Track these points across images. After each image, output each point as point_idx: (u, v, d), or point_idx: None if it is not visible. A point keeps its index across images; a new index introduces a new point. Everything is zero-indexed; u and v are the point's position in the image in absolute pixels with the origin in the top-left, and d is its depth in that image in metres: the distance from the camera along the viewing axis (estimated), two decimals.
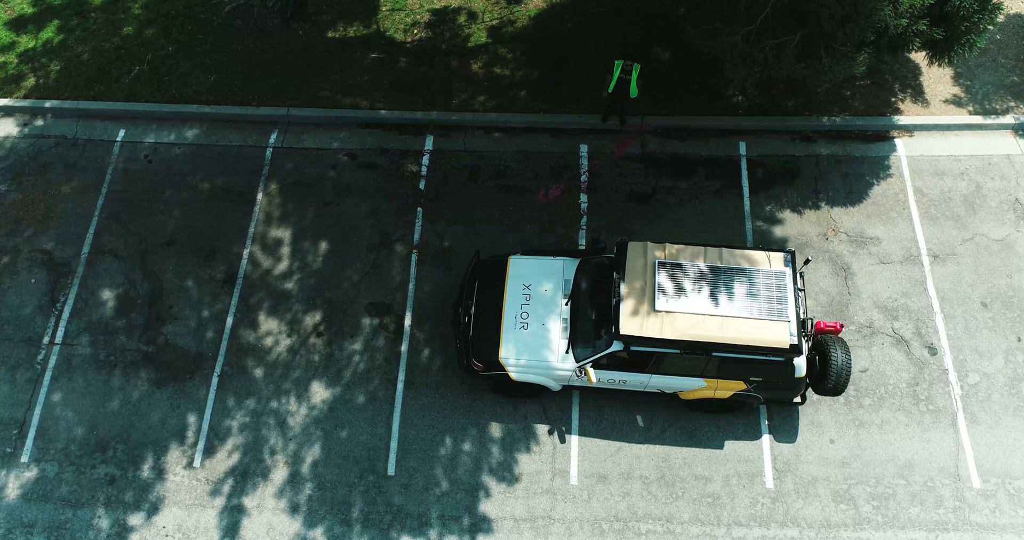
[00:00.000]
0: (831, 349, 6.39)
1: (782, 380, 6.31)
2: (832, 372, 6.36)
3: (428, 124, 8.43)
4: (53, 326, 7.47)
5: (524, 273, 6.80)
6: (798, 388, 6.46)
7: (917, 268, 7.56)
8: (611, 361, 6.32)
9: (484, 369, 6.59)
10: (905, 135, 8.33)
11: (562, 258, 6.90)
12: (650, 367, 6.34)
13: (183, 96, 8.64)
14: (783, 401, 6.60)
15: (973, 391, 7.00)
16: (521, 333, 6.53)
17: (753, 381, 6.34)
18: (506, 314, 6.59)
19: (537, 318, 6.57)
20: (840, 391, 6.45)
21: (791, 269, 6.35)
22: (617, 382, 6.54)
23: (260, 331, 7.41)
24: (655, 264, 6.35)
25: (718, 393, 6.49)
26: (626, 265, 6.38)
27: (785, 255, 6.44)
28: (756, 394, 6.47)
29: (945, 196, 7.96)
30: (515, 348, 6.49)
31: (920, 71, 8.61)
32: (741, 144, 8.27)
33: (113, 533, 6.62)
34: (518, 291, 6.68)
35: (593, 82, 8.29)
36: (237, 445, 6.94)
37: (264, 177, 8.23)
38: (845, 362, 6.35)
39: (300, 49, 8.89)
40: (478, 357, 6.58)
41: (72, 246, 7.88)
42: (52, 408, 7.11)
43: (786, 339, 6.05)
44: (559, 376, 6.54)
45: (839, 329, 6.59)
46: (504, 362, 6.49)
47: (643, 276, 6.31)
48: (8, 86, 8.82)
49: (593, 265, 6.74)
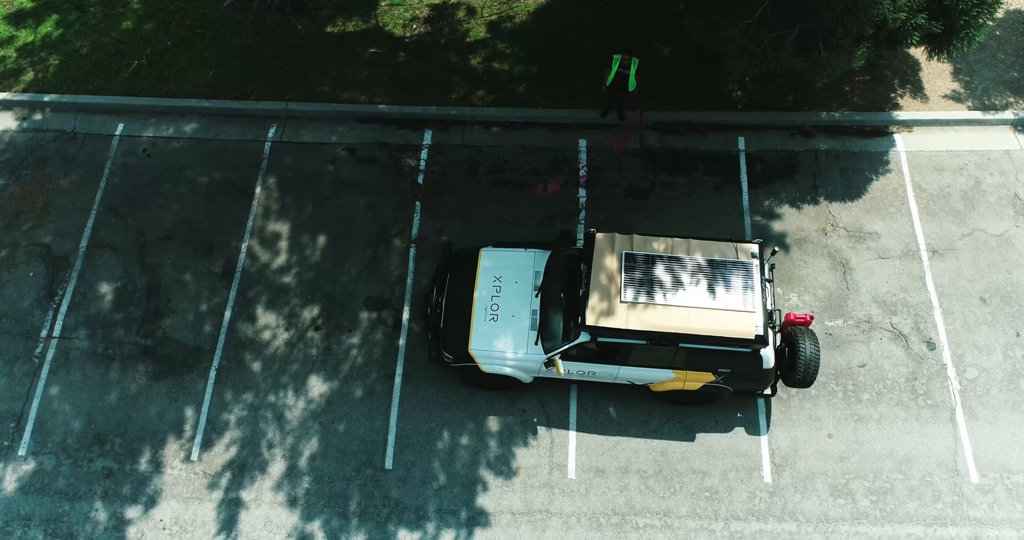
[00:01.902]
0: (799, 341, 6.37)
1: (750, 371, 6.27)
2: (800, 363, 6.31)
3: (427, 119, 8.43)
4: (51, 319, 7.47)
5: (495, 265, 6.79)
6: (767, 379, 6.42)
7: (916, 263, 7.55)
8: (580, 352, 6.31)
9: (454, 361, 6.59)
10: (904, 130, 8.32)
11: (533, 250, 6.91)
12: (619, 359, 6.33)
13: (182, 90, 8.64)
14: (754, 393, 6.58)
15: (972, 386, 6.99)
16: (491, 325, 6.52)
17: (722, 372, 6.32)
18: (476, 306, 6.58)
19: (507, 310, 6.55)
20: (809, 383, 6.43)
21: (758, 260, 6.33)
22: (587, 374, 6.51)
23: (258, 325, 7.41)
24: (622, 255, 6.33)
25: (687, 385, 6.46)
26: (594, 256, 6.36)
27: (753, 247, 6.40)
28: (725, 386, 6.46)
29: (944, 191, 7.95)
30: (485, 340, 6.48)
31: (919, 66, 8.60)
32: (740, 139, 8.27)
33: (110, 526, 6.62)
34: (489, 283, 6.67)
35: (592, 77, 8.28)
36: (235, 439, 6.93)
37: (263, 171, 8.22)
38: (814, 354, 6.30)
39: (299, 44, 8.89)
40: (448, 349, 6.57)
41: (70, 240, 7.88)
42: (50, 401, 7.11)
43: (752, 330, 6.04)
44: (529, 367, 6.52)
45: (809, 321, 6.57)
46: (474, 354, 6.48)
47: (610, 267, 6.31)
48: (7, 80, 8.81)
49: (564, 257, 6.75)
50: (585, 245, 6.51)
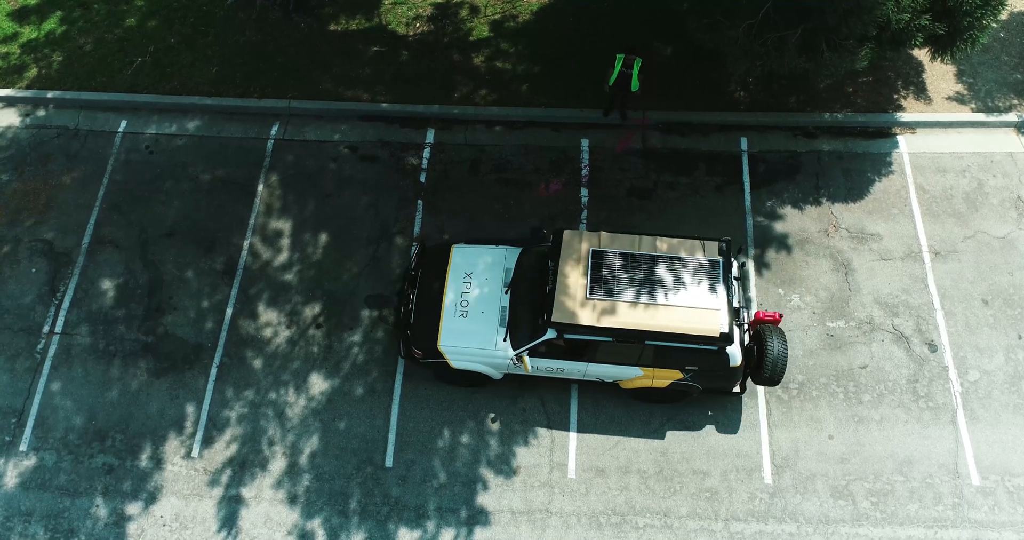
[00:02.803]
0: (767, 339, 6.35)
1: (718, 369, 6.28)
2: (768, 362, 6.31)
3: (429, 117, 8.43)
4: (53, 315, 7.48)
5: (466, 262, 6.79)
6: (735, 377, 6.42)
7: (918, 265, 7.54)
8: (549, 349, 6.31)
9: (424, 356, 6.59)
10: (907, 132, 8.31)
11: (504, 247, 6.90)
12: (586, 356, 6.33)
13: (185, 88, 8.64)
14: (723, 391, 6.58)
15: (973, 388, 6.98)
16: (460, 321, 6.53)
17: (689, 370, 6.33)
18: (447, 302, 6.60)
19: (477, 306, 6.57)
20: (777, 381, 6.42)
21: (725, 258, 6.32)
22: (555, 370, 6.52)
23: (259, 322, 7.41)
24: (589, 252, 6.33)
25: (656, 382, 6.47)
26: (561, 254, 6.37)
27: (720, 244, 6.42)
28: (694, 383, 6.45)
29: (947, 193, 7.94)
30: (454, 336, 6.49)
31: (923, 68, 8.59)
32: (743, 139, 8.26)
33: (111, 522, 6.63)
34: (459, 280, 6.68)
35: (595, 77, 8.27)
36: (235, 436, 6.94)
37: (265, 169, 8.23)
38: (781, 352, 6.31)
39: (302, 42, 8.89)
40: (418, 345, 6.58)
41: (73, 236, 7.89)
42: (51, 397, 7.11)
43: (717, 328, 6.05)
44: (497, 364, 6.52)
45: (778, 319, 6.57)
46: (443, 350, 6.48)
47: (578, 264, 6.31)
48: (11, 76, 8.83)
49: (534, 254, 6.75)
50: (552, 242, 6.52)
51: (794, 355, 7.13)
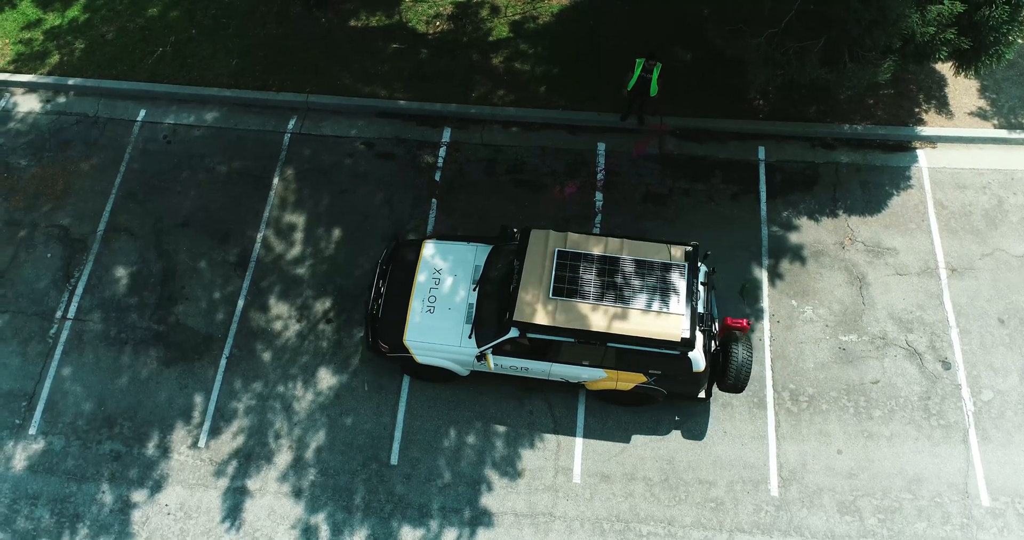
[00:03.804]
0: (732, 346, 6.34)
1: (680, 374, 6.27)
2: (732, 369, 6.31)
3: (446, 116, 8.42)
4: (66, 301, 7.53)
5: (436, 257, 6.81)
6: (699, 383, 6.39)
7: (934, 281, 7.47)
8: (515, 348, 6.31)
9: (390, 350, 6.61)
10: (927, 146, 8.23)
11: (475, 244, 6.89)
12: (550, 356, 6.33)
13: (204, 79, 8.68)
14: (688, 396, 6.55)
15: (986, 408, 6.90)
16: (427, 316, 6.55)
17: (653, 374, 6.32)
18: (414, 297, 6.62)
19: (444, 302, 6.59)
20: (740, 388, 6.38)
21: (691, 263, 6.30)
22: (520, 369, 6.52)
23: (270, 315, 7.43)
24: (555, 253, 6.33)
25: (620, 384, 6.47)
26: (527, 252, 6.37)
27: (686, 249, 6.41)
28: (658, 387, 6.43)
29: (966, 209, 7.86)
30: (420, 331, 6.51)
31: (945, 82, 8.51)
32: (760, 148, 8.21)
33: (116, 509, 6.66)
34: (429, 275, 6.70)
35: (613, 81, 8.24)
36: (242, 427, 6.96)
37: (281, 162, 8.25)
38: (745, 359, 6.29)
39: (322, 37, 8.91)
40: (384, 338, 6.58)
41: (88, 223, 7.94)
42: (62, 382, 7.16)
43: (678, 332, 6.04)
44: (462, 360, 6.52)
45: (746, 326, 6.54)
46: (408, 344, 6.49)
47: (543, 264, 6.31)
48: (33, 62, 8.90)
49: (504, 253, 6.72)
50: (520, 241, 6.51)
51: (805, 367, 7.08)
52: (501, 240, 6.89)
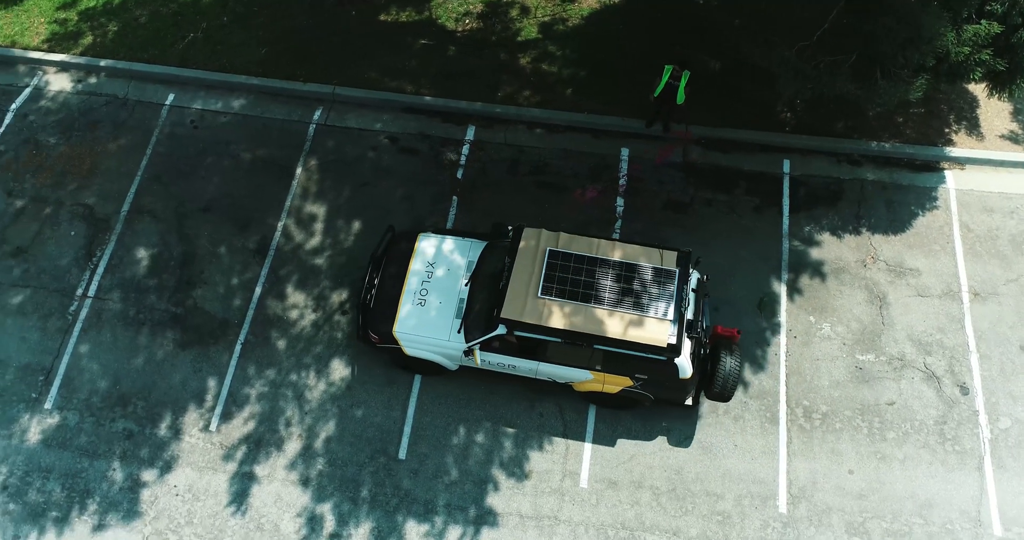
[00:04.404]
0: (721, 354, 6.31)
1: (667, 380, 6.23)
2: (719, 377, 6.29)
3: (471, 114, 8.44)
4: (87, 279, 7.61)
5: (431, 251, 6.84)
6: (685, 390, 6.35)
7: (956, 304, 7.37)
8: (503, 345, 6.31)
9: (380, 341, 6.63)
10: (956, 167, 8.13)
11: (470, 240, 6.91)
12: (537, 355, 6.33)
13: (233, 66, 8.75)
14: (675, 402, 6.50)
15: (1003, 436, 6.80)
16: (418, 309, 6.58)
17: (639, 378, 6.28)
18: (406, 289, 6.65)
19: (435, 296, 6.62)
20: (727, 397, 6.36)
21: (682, 269, 6.27)
22: (507, 366, 6.52)
23: (287, 303, 7.47)
24: (546, 252, 6.31)
25: (606, 387, 6.45)
26: (519, 250, 6.38)
27: (679, 255, 6.38)
28: (644, 392, 6.39)
29: (992, 233, 7.75)
30: (410, 323, 6.53)
31: (977, 103, 8.40)
32: (785, 162, 8.14)
33: (126, 487, 6.73)
34: (422, 268, 6.74)
35: (640, 87, 8.20)
36: (253, 413, 7.00)
37: (305, 152, 8.30)
38: (733, 368, 6.27)
39: (351, 29, 8.95)
40: (374, 329, 6.61)
41: (113, 203, 8.03)
42: (79, 359, 7.24)
43: (665, 338, 6.01)
44: (450, 355, 6.54)
45: (736, 335, 6.48)
46: (398, 336, 6.52)
47: (533, 262, 6.31)
48: (67, 42, 9.01)
49: (498, 249, 6.72)
50: (512, 238, 6.51)
51: (820, 385, 7.02)
52: (495, 236, 6.89)
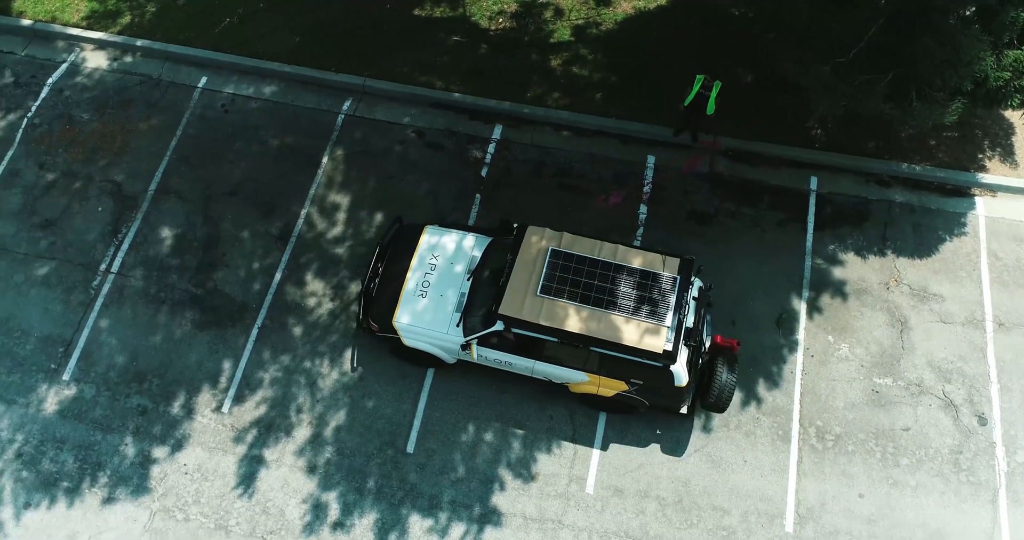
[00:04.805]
0: (718, 365, 6.29)
1: (662, 387, 6.22)
2: (715, 388, 6.29)
3: (499, 113, 8.44)
4: (112, 255, 7.71)
5: (435, 244, 6.87)
6: (680, 398, 6.33)
7: (979, 333, 7.26)
8: (501, 342, 6.33)
9: (379, 331, 6.69)
10: (987, 194, 8.00)
11: (475, 234, 6.93)
12: (534, 353, 6.36)
13: (266, 53, 8.82)
14: (669, 410, 6.48)
15: (1020, 469, 6.69)
16: (419, 301, 6.63)
17: (634, 383, 6.28)
18: (409, 281, 6.70)
19: (437, 289, 6.66)
20: (722, 408, 6.36)
21: (683, 276, 6.23)
22: (504, 363, 6.54)
23: (305, 291, 7.52)
24: (548, 251, 6.31)
25: (601, 390, 6.45)
26: (521, 248, 6.42)
27: (681, 262, 6.38)
28: (639, 398, 6.36)
29: (1020, 263, 7.62)
30: (410, 314, 6.58)
31: (1013, 130, 8.27)
32: (813, 179, 8.07)
33: (136, 462, 6.81)
34: (425, 260, 6.78)
35: (671, 95, 8.16)
36: (266, 398, 7.06)
37: (332, 142, 8.35)
38: (729, 379, 6.27)
39: (385, 23, 8.98)
40: (375, 318, 6.68)
41: (141, 181, 8.13)
42: (98, 333, 7.34)
43: (661, 344, 6.00)
44: (448, 348, 6.57)
45: (736, 346, 6.43)
46: (397, 326, 6.57)
47: (535, 261, 6.35)
48: (105, 20, 9.14)
49: (502, 245, 6.75)
50: (515, 236, 6.55)
51: (835, 406, 6.94)
52: (501, 233, 6.91)
